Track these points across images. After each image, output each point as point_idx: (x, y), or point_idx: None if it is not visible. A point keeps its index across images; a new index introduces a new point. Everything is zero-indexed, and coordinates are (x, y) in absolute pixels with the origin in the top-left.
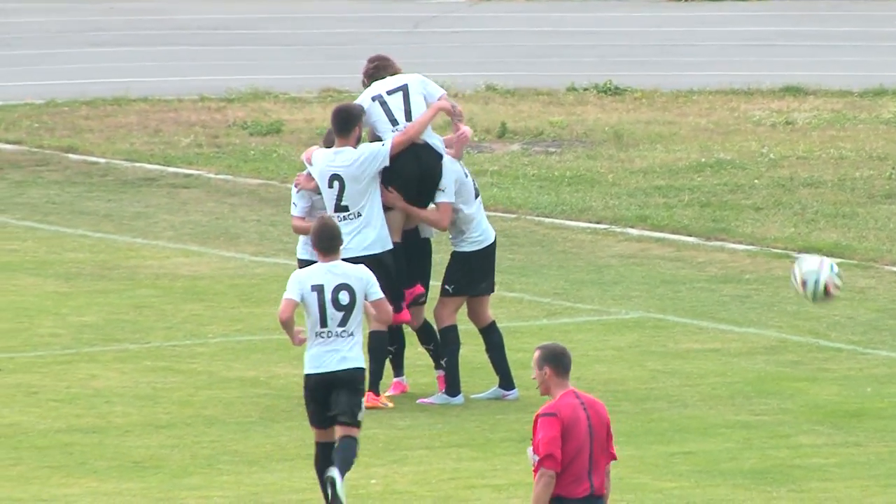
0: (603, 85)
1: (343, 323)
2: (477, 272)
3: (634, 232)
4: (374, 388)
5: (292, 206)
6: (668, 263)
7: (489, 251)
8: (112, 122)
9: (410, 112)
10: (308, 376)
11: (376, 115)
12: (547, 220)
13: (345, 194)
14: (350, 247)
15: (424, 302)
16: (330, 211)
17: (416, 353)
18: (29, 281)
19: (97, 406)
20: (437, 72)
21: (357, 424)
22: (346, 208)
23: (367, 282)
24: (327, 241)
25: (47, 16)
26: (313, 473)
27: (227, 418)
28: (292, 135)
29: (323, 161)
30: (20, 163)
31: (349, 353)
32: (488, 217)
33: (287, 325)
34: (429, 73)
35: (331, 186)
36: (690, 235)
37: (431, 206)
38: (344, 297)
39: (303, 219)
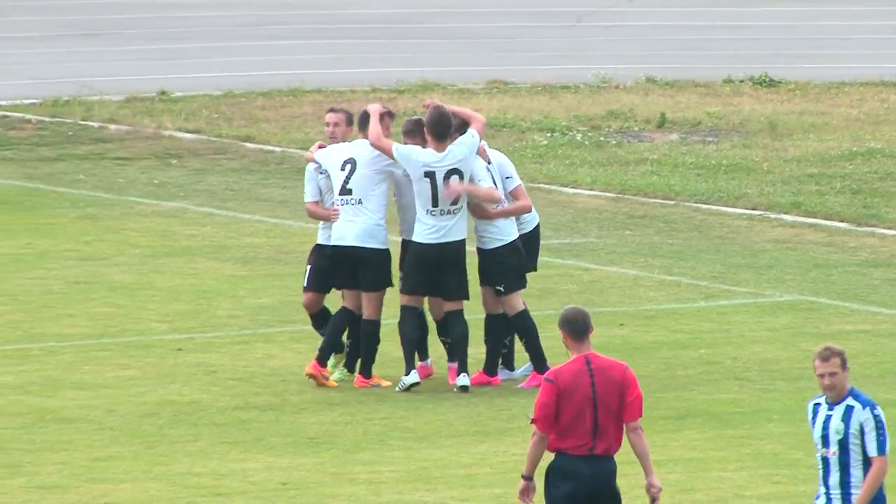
0: (758, 77)
1: None
2: (520, 263)
3: (788, 218)
4: (366, 372)
5: (305, 193)
6: (820, 248)
7: (525, 239)
8: (287, 112)
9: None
10: None
11: None
12: (704, 206)
13: (352, 178)
14: (347, 234)
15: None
16: (336, 194)
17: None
18: (208, 264)
19: (273, 384)
20: (598, 64)
21: None
22: (350, 192)
23: None
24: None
25: (227, 10)
26: (481, 449)
27: (397, 396)
28: None
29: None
30: (199, 151)
31: None
32: (649, 203)
33: None
34: (590, 66)
35: (342, 169)
36: (842, 221)
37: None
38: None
39: (316, 203)
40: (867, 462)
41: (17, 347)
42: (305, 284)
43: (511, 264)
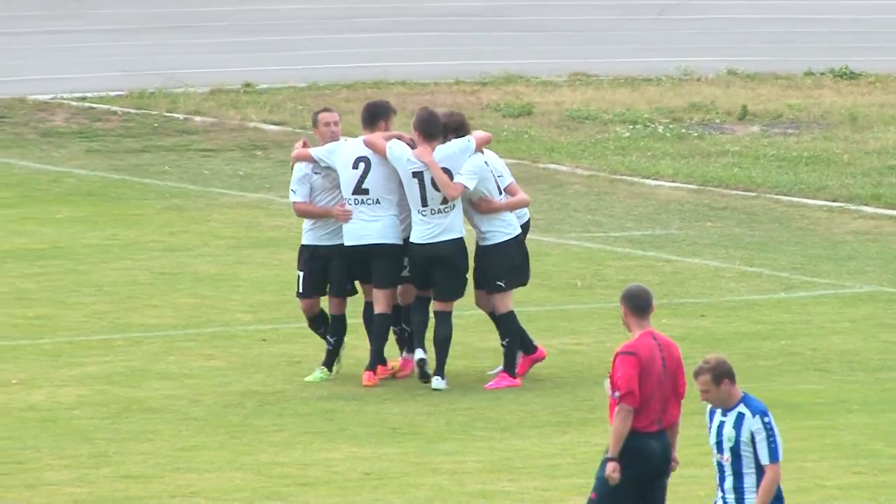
0: (839, 70)
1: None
2: (523, 259)
3: (869, 210)
4: (373, 367)
5: (291, 192)
6: None
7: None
8: None
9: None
10: None
11: None
12: (785, 198)
13: (368, 178)
14: (366, 233)
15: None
16: (347, 193)
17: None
18: (292, 255)
19: (357, 375)
20: (680, 56)
21: None
22: (366, 191)
23: None
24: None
25: (312, 4)
26: (564, 440)
27: (480, 386)
28: (543, 116)
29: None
30: (284, 143)
31: None
32: (730, 195)
33: None
34: (673, 59)
35: (356, 168)
36: None
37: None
38: None
39: (305, 203)
40: (760, 468)
41: (102, 338)
42: (301, 291)
43: (515, 260)
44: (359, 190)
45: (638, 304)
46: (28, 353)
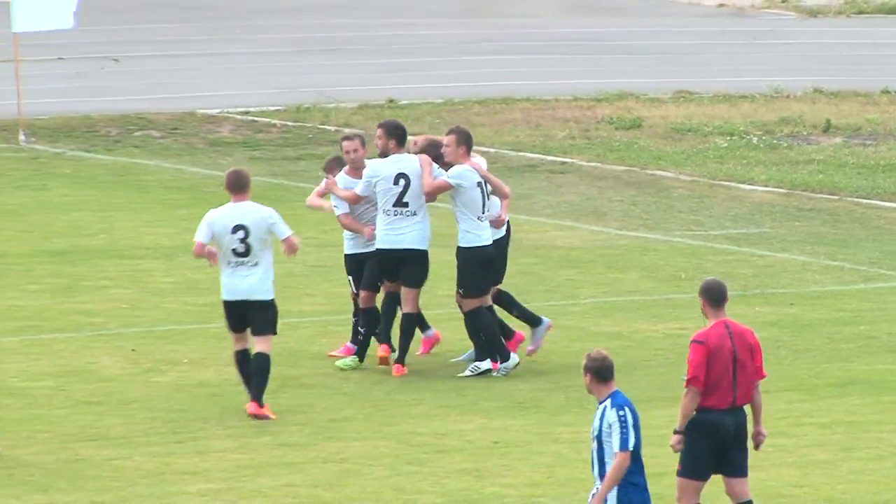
0: None
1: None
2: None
3: None
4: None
5: (334, 207)
6: None
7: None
8: (500, 118)
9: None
10: None
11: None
12: (864, 201)
13: (408, 192)
14: (406, 239)
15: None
16: (388, 206)
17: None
18: (430, 251)
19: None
20: (772, 76)
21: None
22: (406, 204)
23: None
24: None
25: (447, 29)
26: (670, 412)
27: None
28: (650, 129)
29: (389, 165)
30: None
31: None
32: (816, 198)
33: None
34: (765, 78)
35: (396, 183)
36: None
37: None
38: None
39: (348, 216)
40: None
41: None
42: (355, 291)
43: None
44: (400, 203)
45: (713, 296)
46: (198, 337)
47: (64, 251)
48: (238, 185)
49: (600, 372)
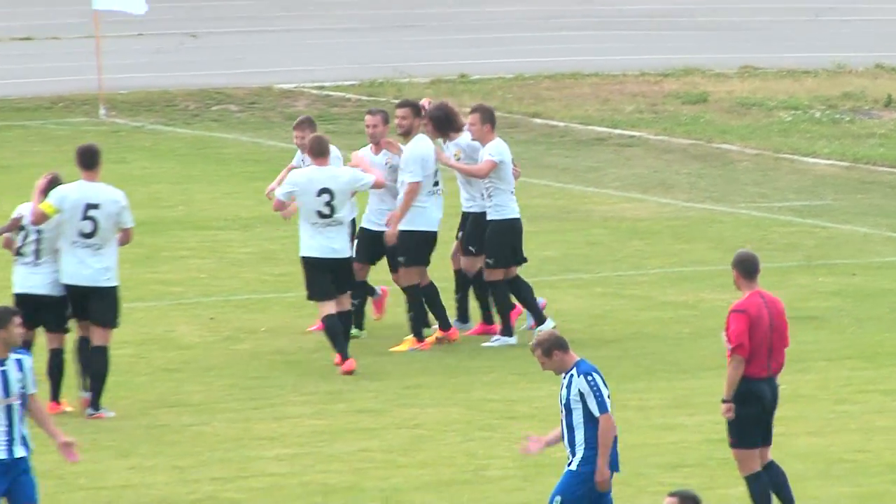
0: None
1: None
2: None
3: None
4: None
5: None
6: None
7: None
8: (569, 92)
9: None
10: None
11: None
12: None
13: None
14: (436, 218)
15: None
16: (430, 186)
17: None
18: (534, 228)
19: (558, 325)
20: (835, 52)
21: None
22: (437, 184)
23: None
24: None
25: (516, 5)
26: None
27: (663, 334)
28: (716, 103)
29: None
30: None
31: None
32: (877, 171)
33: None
34: (828, 54)
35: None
36: None
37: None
38: None
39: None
40: (589, 423)
41: None
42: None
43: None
44: (435, 184)
45: (747, 268)
46: (275, 305)
47: (144, 222)
48: (320, 151)
49: (561, 344)
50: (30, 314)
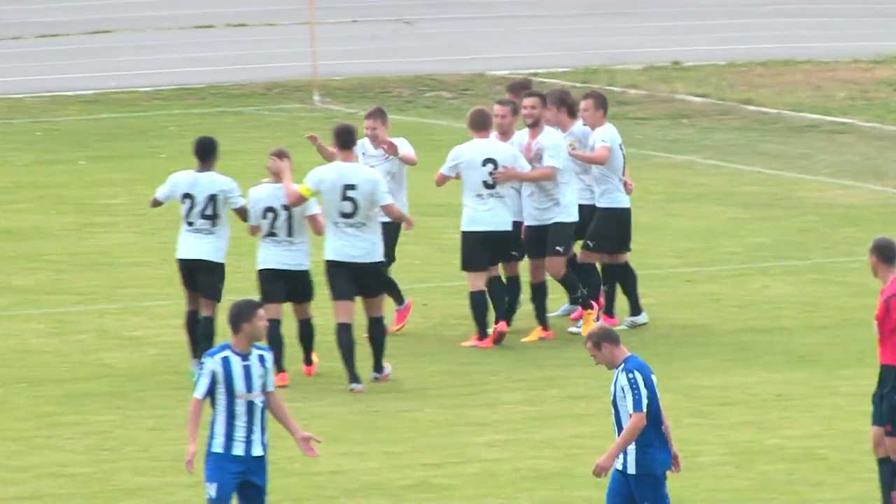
0: None
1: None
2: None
3: None
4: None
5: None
6: None
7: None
8: (781, 79)
9: None
10: None
11: None
12: None
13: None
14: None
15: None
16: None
17: None
18: (714, 209)
19: (768, 311)
20: None
21: None
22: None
23: None
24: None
25: None
26: None
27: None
28: None
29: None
30: (706, 112)
31: None
32: None
33: None
34: None
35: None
36: None
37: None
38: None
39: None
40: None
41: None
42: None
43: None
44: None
45: (886, 254)
46: None
47: None
48: (482, 124)
49: (612, 337)
50: (280, 290)
